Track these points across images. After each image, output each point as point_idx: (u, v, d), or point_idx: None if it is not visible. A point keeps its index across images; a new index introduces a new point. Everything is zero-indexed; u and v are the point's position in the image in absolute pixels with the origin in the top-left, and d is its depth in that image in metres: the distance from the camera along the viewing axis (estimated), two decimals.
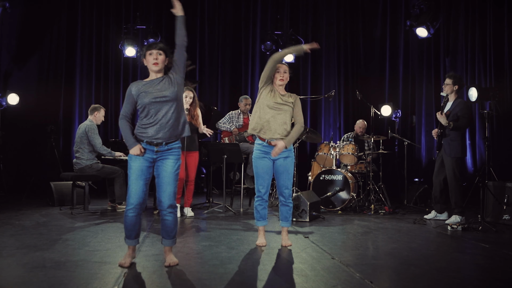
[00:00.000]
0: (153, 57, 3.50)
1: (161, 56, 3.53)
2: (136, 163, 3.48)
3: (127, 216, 3.51)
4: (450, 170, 6.03)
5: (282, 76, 4.39)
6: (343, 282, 3.23)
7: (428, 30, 7.82)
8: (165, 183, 3.51)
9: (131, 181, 3.49)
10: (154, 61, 3.49)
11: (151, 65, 3.51)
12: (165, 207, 3.52)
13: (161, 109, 3.47)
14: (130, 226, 3.52)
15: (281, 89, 4.45)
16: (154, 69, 3.52)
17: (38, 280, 3.19)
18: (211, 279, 3.24)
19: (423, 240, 4.91)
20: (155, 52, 3.51)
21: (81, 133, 6.67)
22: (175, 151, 3.55)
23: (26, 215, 6.24)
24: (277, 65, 4.37)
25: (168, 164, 3.51)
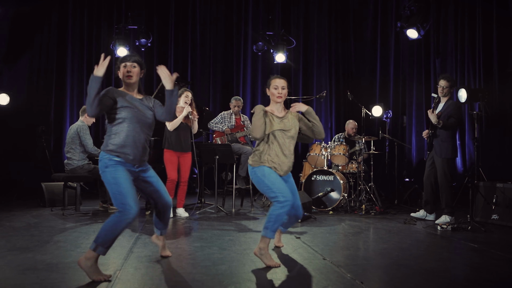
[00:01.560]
0: (127, 69, 3.44)
1: (135, 69, 3.47)
2: (121, 173, 3.33)
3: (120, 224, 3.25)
4: (441, 171, 6.09)
5: (280, 93, 3.94)
6: (334, 282, 3.26)
7: (419, 31, 7.88)
8: (160, 185, 3.61)
9: (124, 188, 3.27)
10: (128, 73, 3.43)
11: (125, 77, 3.44)
12: (169, 204, 3.70)
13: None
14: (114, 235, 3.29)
15: (278, 109, 4.01)
16: (128, 81, 3.45)
17: (30, 282, 3.19)
18: (203, 280, 3.26)
19: (413, 240, 4.96)
20: (129, 65, 3.45)
21: (72, 134, 6.66)
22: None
23: (17, 216, 6.22)
24: (274, 80, 3.97)
25: (151, 171, 3.61)
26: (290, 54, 9.98)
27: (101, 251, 3.29)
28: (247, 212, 6.84)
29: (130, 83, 3.47)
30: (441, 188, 6.13)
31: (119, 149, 3.35)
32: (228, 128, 7.29)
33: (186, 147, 6.28)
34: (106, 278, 3.26)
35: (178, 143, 6.10)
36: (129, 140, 3.38)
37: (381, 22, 10.06)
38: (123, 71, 3.46)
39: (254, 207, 7.31)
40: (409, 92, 9.67)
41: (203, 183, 7.55)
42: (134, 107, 3.41)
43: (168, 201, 3.68)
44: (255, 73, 10.33)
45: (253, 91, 10.19)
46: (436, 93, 6.33)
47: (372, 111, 8.67)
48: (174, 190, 6.24)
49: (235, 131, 7.31)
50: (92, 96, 3.24)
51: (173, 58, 10.08)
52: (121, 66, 3.47)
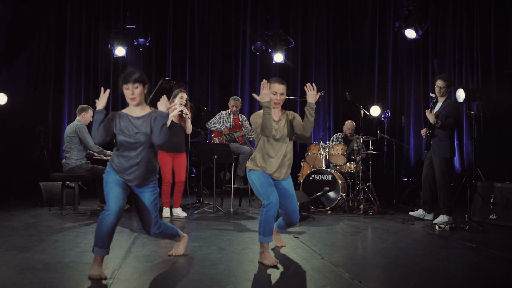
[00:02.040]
0: (129, 92, 3.39)
1: (137, 90, 3.40)
2: (112, 177, 3.46)
3: (105, 222, 3.32)
4: (439, 170, 6.10)
5: (278, 99, 3.90)
6: (332, 282, 3.27)
7: (417, 31, 7.89)
8: (145, 212, 3.55)
9: (108, 189, 3.41)
10: (131, 96, 3.39)
11: (129, 100, 3.43)
12: (148, 232, 3.64)
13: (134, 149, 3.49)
14: (107, 234, 3.34)
15: (275, 112, 3.98)
16: (133, 103, 3.45)
17: (29, 282, 3.19)
18: (201, 280, 3.27)
19: (411, 239, 4.97)
20: (131, 87, 3.39)
21: (70, 133, 6.65)
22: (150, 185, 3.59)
23: (15, 216, 6.22)
24: (274, 84, 3.90)
25: (146, 197, 3.54)
26: (288, 54, 9.99)
27: (96, 251, 3.36)
28: (246, 212, 6.85)
29: (135, 105, 3.47)
30: (439, 188, 6.15)
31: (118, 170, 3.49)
32: (226, 128, 7.29)
33: (180, 147, 6.26)
34: (101, 276, 3.27)
35: (170, 144, 6.03)
36: (124, 166, 3.46)
37: (379, 22, 10.06)
38: (126, 94, 3.42)
39: (253, 207, 7.30)
40: (407, 92, 9.68)
41: (202, 183, 7.55)
42: (125, 134, 3.44)
43: (147, 230, 3.61)
44: (253, 73, 10.33)
45: (251, 91, 10.17)
46: (434, 93, 6.34)
47: (370, 111, 8.68)
48: (169, 192, 6.24)
49: (233, 131, 7.32)
50: (96, 126, 3.39)
51: (172, 58, 10.07)
52: (124, 88, 3.42)
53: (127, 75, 3.40)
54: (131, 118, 3.46)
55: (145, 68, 9.93)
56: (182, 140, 6.26)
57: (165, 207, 6.28)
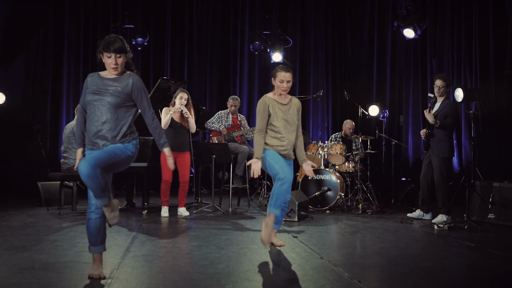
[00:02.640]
0: (112, 61, 3.24)
1: (120, 59, 3.26)
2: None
3: (90, 220, 3.28)
4: (438, 170, 6.10)
5: (285, 87, 4.22)
6: (332, 281, 3.26)
7: (415, 31, 7.89)
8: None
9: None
10: (113, 66, 3.27)
11: (110, 69, 3.31)
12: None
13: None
14: (96, 230, 3.31)
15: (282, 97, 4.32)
16: (114, 73, 3.33)
17: (27, 281, 3.18)
18: (201, 279, 3.26)
19: (410, 239, 4.97)
20: (114, 56, 3.24)
21: (68, 133, 6.63)
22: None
23: (13, 215, 6.20)
24: (280, 73, 4.19)
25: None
26: (287, 54, 9.98)
27: (91, 249, 3.36)
28: (244, 212, 6.84)
29: (115, 74, 3.33)
30: (437, 188, 6.15)
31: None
32: (225, 128, 7.28)
33: (183, 146, 6.28)
34: (99, 276, 3.26)
35: (173, 143, 6.03)
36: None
37: (378, 22, 10.07)
38: (107, 62, 3.27)
39: (251, 206, 7.31)
40: (406, 91, 9.69)
41: (200, 183, 7.54)
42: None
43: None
44: (251, 73, 10.33)
45: (249, 91, 10.19)
46: (432, 93, 6.34)
47: (368, 110, 8.68)
48: (168, 191, 6.22)
49: (232, 130, 7.31)
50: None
51: (170, 57, 10.07)
52: (105, 56, 3.26)
53: (109, 43, 3.22)
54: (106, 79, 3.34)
55: (143, 68, 9.92)
56: (185, 140, 6.26)
57: (164, 205, 6.26)
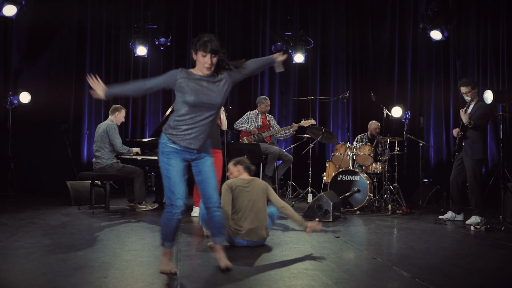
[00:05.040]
0: (207, 60, 3.27)
1: (214, 59, 3.29)
2: (174, 161, 3.32)
3: (172, 220, 3.30)
4: (471, 172, 6.11)
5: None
6: (396, 280, 3.28)
7: (442, 33, 7.90)
8: (209, 177, 3.38)
9: (173, 181, 3.28)
10: (207, 65, 3.28)
11: (203, 68, 3.30)
12: (214, 202, 3.41)
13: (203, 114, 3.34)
14: (175, 228, 3.36)
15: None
16: (206, 72, 3.33)
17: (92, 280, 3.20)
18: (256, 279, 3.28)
19: (452, 240, 5.00)
20: (209, 56, 3.26)
21: (101, 132, 6.66)
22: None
23: (47, 214, 6.22)
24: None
25: (207, 160, 3.42)
26: (308, 55, 10.00)
27: (167, 245, 3.42)
28: None
29: (207, 74, 3.35)
30: (470, 189, 6.16)
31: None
32: (255, 128, 7.31)
33: (214, 144, 6.25)
34: (171, 271, 3.34)
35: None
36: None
37: (399, 22, 10.06)
38: (200, 60, 3.29)
39: None
40: (427, 92, 9.71)
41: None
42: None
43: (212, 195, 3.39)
44: (272, 74, 10.34)
45: (270, 92, 10.19)
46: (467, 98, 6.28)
47: (392, 111, 8.70)
48: None
49: (262, 131, 7.34)
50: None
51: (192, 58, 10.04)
52: (200, 54, 3.29)
53: (206, 43, 3.26)
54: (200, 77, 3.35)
55: (165, 68, 9.94)
56: (217, 137, 6.24)
57: (196, 206, 6.27)
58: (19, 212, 6.31)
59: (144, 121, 9.90)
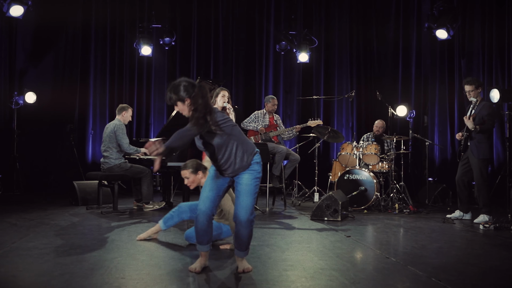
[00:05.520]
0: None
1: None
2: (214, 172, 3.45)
3: (198, 221, 3.40)
4: (477, 171, 6.12)
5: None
6: (412, 280, 3.30)
7: (448, 32, 7.91)
8: (241, 195, 3.34)
9: (204, 189, 3.42)
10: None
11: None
12: (240, 221, 3.33)
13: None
14: (201, 231, 3.41)
15: None
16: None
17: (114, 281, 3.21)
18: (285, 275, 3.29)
19: (463, 239, 5.02)
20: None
21: (109, 133, 6.66)
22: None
23: (56, 214, 6.21)
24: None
25: (245, 177, 3.36)
26: (312, 54, 10.00)
27: (198, 247, 3.49)
28: (282, 211, 6.88)
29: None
30: (478, 188, 6.18)
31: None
32: (263, 128, 7.31)
33: None
34: (194, 270, 3.42)
35: None
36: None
37: (403, 22, 10.07)
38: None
39: (287, 206, 7.35)
40: (432, 92, 9.72)
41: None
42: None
43: (238, 214, 3.33)
44: (277, 73, 10.36)
45: (275, 91, 10.21)
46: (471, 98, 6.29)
47: (396, 110, 8.72)
48: None
49: (269, 130, 7.34)
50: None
51: (196, 57, 10.08)
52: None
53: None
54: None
55: (169, 67, 9.96)
56: None
57: None
58: (28, 213, 6.31)
59: (149, 120, 9.90)
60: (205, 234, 3.42)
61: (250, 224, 3.35)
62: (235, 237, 3.43)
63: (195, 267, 3.46)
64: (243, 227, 3.34)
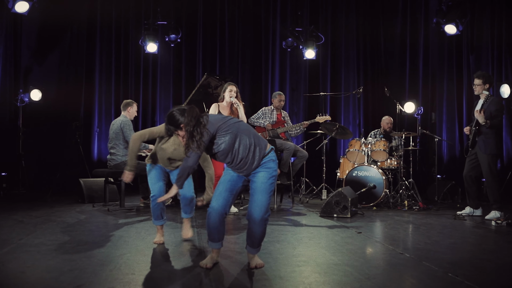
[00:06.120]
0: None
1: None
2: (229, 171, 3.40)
3: (210, 219, 3.33)
4: (486, 167, 6.03)
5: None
6: (429, 276, 3.22)
7: (457, 27, 7.82)
8: (256, 192, 3.27)
9: (218, 187, 3.35)
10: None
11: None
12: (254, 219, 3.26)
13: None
14: (213, 229, 3.35)
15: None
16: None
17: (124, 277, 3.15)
18: (298, 271, 3.22)
19: (476, 235, 4.93)
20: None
21: (116, 129, 6.60)
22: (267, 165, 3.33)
23: (62, 212, 6.17)
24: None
25: (261, 175, 3.28)
26: (318, 50, 9.92)
27: (209, 244, 3.44)
28: (290, 208, 6.82)
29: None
30: (487, 184, 6.10)
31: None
32: (270, 124, 7.24)
33: None
34: (205, 266, 3.37)
35: None
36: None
37: (410, 18, 9.98)
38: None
39: (295, 203, 7.28)
40: (439, 88, 9.63)
41: None
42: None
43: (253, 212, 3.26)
44: (283, 70, 10.28)
45: (281, 88, 10.13)
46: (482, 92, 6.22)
47: (404, 107, 8.63)
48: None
49: (276, 126, 7.27)
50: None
51: (202, 54, 10.01)
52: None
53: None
54: None
55: (175, 65, 9.89)
56: None
57: None
58: (34, 210, 6.27)
59: (155, 118, 9.84)
60: (217, 231, 3.35)
61: (264, 222, 3.29)
62: (248, 234, 3.37)
63: (206, 263, 3.41)
64: (257, 225, 3.27)
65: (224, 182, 3.36)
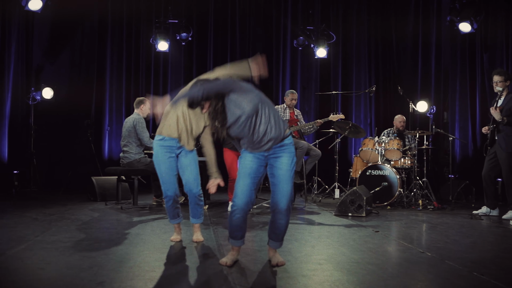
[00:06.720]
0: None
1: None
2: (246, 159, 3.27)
3: (233, 216, 3.25)
4: (506, 166, 5.96)
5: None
6: (453, 275, 3.17)
7: (472, 25, 7.74)
8: (281, 181, 3.18)
9: (238, 183, 3.22)
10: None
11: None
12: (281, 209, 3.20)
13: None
14: (235, 227, 3.29)
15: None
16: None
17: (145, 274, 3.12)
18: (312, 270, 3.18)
19: (495, 235, 4.87)
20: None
21: (129, 127, 6.57)
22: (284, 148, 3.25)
23: (76, 210, 6.16)
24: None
25: (284, 162, 3.19)
26: (330, 49, 9.87)
27: (231, 242, 3.39)
28: (303, 207, 6.77)
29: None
30: (506, 183, 6.02)
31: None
32: None
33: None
34: (225, 264, 3.32)
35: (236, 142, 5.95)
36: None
37: (422, 16, 9.89)
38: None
39: (308, 202, 7.23)
40: (452, 87, 9.55)
41: None
42: None
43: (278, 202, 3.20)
44: (294, 68, 10.23)
45: (292, 86, 10.08)
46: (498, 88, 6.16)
47: (417, 106, 8.56)
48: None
49: (290, 125, 7.22)
50: None
51: (213, 52, 9.98)
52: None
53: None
54: None
55: (186, 63, 9.87)
56: None
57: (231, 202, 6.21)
58: (47, 208, 6.26)
59: None
60: (239, 229, 3.30)
61: (290, 212, 3.24)
62: (272, 228, 3.31)
63: (226, 260, 3.36)
64: (284, 215, 3.21)
65: (244, 176, 3.21)
